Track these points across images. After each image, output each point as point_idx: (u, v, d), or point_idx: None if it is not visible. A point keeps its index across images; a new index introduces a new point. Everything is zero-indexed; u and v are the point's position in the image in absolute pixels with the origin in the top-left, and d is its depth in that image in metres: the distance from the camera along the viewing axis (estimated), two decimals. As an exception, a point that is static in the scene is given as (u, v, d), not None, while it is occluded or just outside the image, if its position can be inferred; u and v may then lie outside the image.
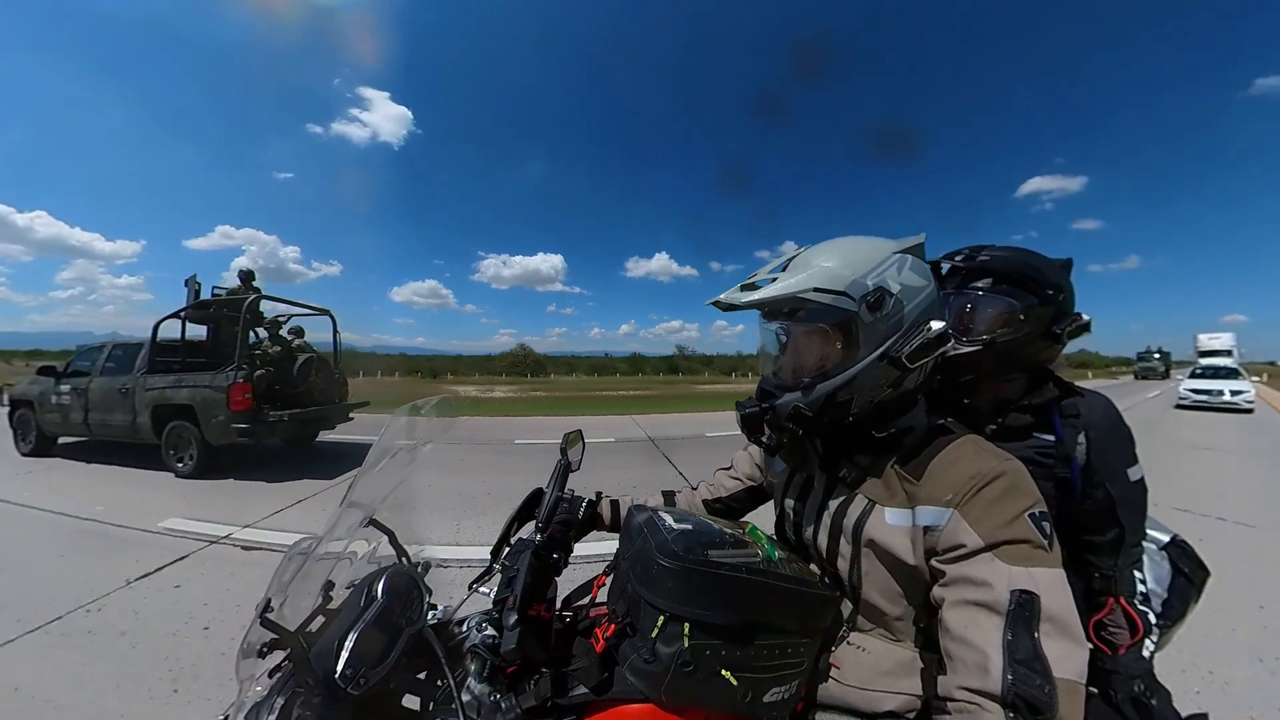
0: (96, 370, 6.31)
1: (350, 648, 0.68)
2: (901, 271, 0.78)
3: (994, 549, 0.65)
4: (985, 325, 1.05)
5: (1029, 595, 0.61)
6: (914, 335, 0.75)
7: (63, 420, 6.37)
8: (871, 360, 0.76)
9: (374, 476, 0.98)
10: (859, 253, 0.79)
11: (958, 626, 0.65)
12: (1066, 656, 0.59)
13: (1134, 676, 0.94)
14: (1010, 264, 1.04)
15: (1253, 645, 2.43)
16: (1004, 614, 0.61)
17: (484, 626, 0.80)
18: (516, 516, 1.07)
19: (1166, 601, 1.07)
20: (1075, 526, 1.01)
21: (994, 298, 1.05)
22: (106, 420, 6.07)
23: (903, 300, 0.76)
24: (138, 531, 3.82)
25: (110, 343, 6.57)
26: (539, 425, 10.60)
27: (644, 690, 0.72)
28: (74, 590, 2.81)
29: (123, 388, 5.94)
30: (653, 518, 0.82)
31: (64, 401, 6.33)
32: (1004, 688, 0.58)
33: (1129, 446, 1.03)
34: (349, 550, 0.90)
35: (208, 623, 2.52)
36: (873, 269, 0.76)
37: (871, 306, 0.75)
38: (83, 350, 6.73)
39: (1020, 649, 0.59)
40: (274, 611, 0.73)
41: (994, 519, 0.66)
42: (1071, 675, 0.58)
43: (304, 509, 4.49)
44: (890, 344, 0.76)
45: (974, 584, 0.65)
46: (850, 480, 0.84)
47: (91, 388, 6.19)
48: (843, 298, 0.74)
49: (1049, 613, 0.60)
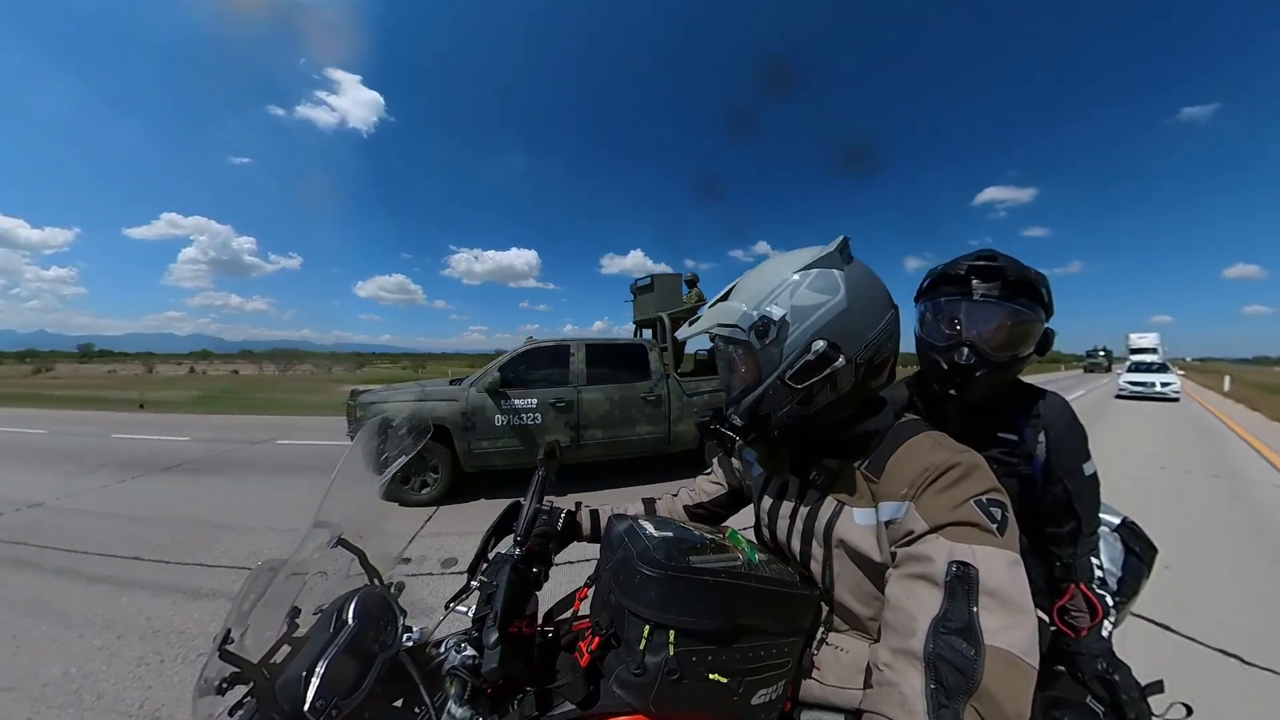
0: (582, 376, 5.21)
1: (320, 677, 0.65)
2: (795, 293, 0.80)
3: (939, 530, 0.66)
4: (1005, 340, 1.04)
5: (965, 566, 0.62)
6: (798, 358, 0.78)
7: (504, 447, 4.91)
8: (772, 381, 0.81)
9: (342, 494, 0.94)
10: (762, 280, 0.84)
11: (898, 596, 0.67)
12: (1004, 629, 0.59)
13: (1096, 656, 1.00)
14: (1026, 273, 1.04)
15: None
16: (941, 585, 0.62)
17: (463, 647, 0.77)
18: (493, 531, 1.04)
19: (1121, 580, 1.15)
20: (1037, 520, 1.08)
21: (1022, 311, 1.04)
22: (618, 436, 5.23)
23: (790, 323, 0.79)
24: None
25: (578, 341, 5.40)
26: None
27: (631, 702, 0.71)
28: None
29: (648, 393, 5.28)
30: (633, 526, 0.82)
31: (525, 420, 4.96)
32: (926, 649, 0.59)
33: (1083, 444, 1.10)
34: (316, 573, 0.85)
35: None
36: (764, 298, 0.82)
37: (759, 334, 0.81)
38: (520, 353, 5.22)
39: (955, 618, 0.60)
40: (234, 643, 0.68)
41: (942, 504, 0.68)
42: (1006, 646, 0.58)
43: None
44: (783, 366, 0.79)
45: (917, 560, 0.66)
46: (820, 484, 0.87)
47: (584, 399, 5.13)
48: (735, 329, 0.83)
49: (988, 587, 0.61)
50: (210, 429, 9.40)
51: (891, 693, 0.60)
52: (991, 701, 0.55)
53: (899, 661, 0.61)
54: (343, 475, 0.95)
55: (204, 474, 5.98)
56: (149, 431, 8.97)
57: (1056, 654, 1.05)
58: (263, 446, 7.68)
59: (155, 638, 2.52)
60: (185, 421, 10.54)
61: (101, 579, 3.15)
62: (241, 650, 0.67)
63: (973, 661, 0.57)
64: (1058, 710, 0.95)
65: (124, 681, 2.18)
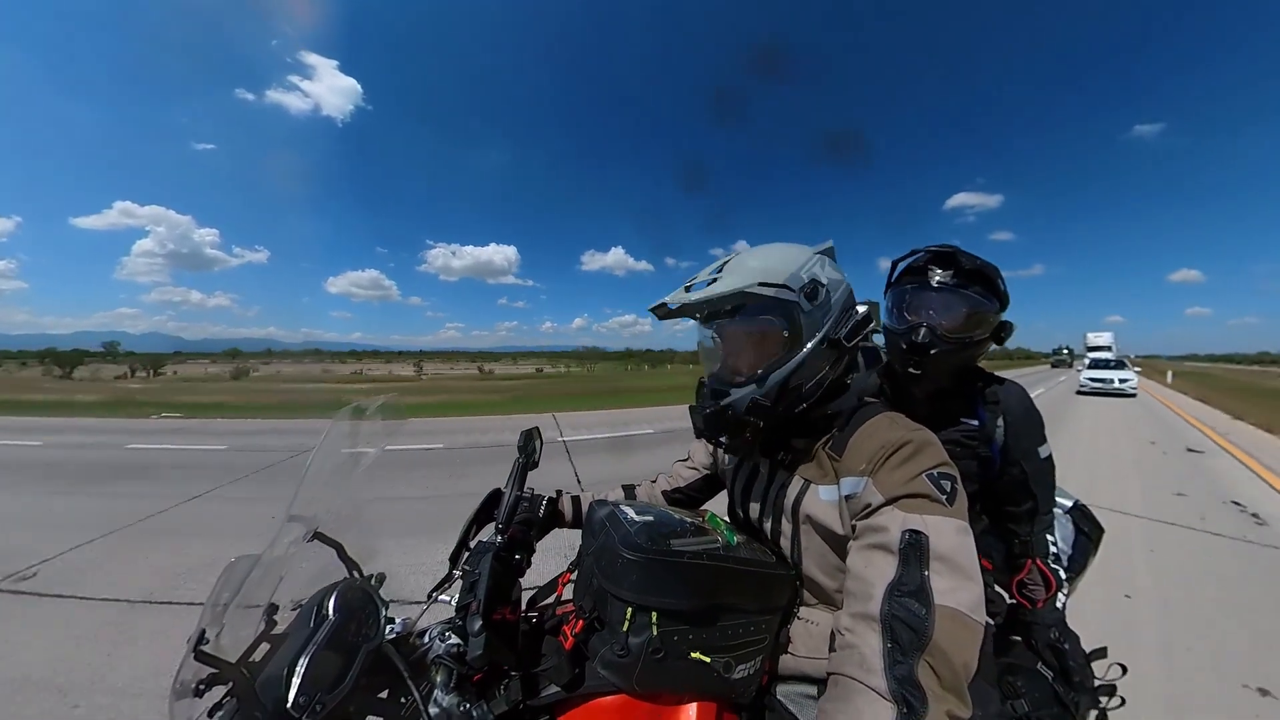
0: None
1: (302, 673, 0.64)
2: (824, 267, 0.87)
3: (894, 502, 0.71)
4: (961, 323, 1.12)
5: (918, 534, 0.66)
6: (845, 318, 0.85)
7: None
8: (815, 345, 0.83)
9: (316, 486, 0.92)
10: (788, 254, 0.86)
11: (858, 566, 0.71)
12: (954, 590, 0.63)
13: (1049, 625, 1.09)
14: (985, 265, 1.12)
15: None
16: (896, 552, 0.66)
17: (447, 635, 0.77)
18: (475, 519, 1.04)
19: (1071, 557, 1.25)
20: (996, 499, 1.15)
21: (974, 298, 1.12)
22: None
23: (831, 290, 0.85)
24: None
25: None
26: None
27: (616, 682, 0.73)
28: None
29: None
30: (614, 512, 0.83)
31: None
32: (882, 611, 0.63)
33: (1039, 428, 1.17)
34: (293, 568, 0.83)
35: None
36: (804, 265, 0.85)
37: (809, 296, 0.83)
38: None
39: (909, 581, 0.64)
40: (209, 642, 0.66)
41: (896, 478, 0.73)
42: (954, 605, 0.62)
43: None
44: (828, 328, 0.84)
45: (874, 530, 0.71)
46: (788, 463, 0.90)
47: None
48: (784, 290, 0.82)
49: (939, 552, 0.65)
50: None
51: (852, 654, 0.64)
52: (941, 655, 0.60)
53: (859, 625, 0.65)
54: (316, 467, 0.93)
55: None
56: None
57: (1014, 624, 1.13)
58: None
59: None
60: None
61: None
62: (218, 650, 0.66)
63: (924, 620, 0.61)
64: (1011, 675, 1.03)
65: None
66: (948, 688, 0.59)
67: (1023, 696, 1.00)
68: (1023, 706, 0.99)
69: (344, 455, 1.03)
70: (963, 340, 1.11)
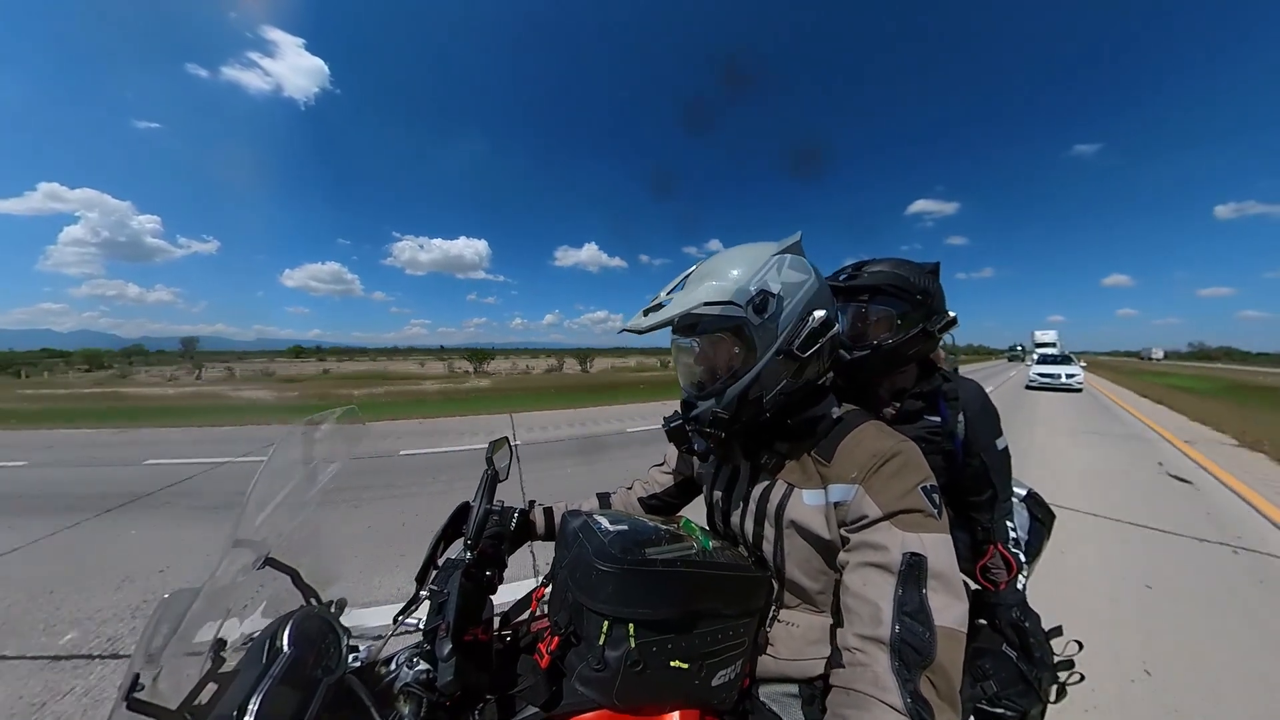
0: None
1: (255, 711, 0.58)
2: (781, 271, 0.85)
3: (891, 518, 0.73)
4: (871, 332, 1.20)
5: (918, 557, 0.69)
6: (801, 327, 0.83)
7: None
8: (770, 357, 0.83)
9: (265, 507, 0.85)
10: (741, 261, 0.85)
11: (856, 584, 0.72)
12: (948, 608, 0.67)
13: (1012, 606, 1.15)
14: (884, 278, 1.19)
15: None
16: (896, 573, 0.69)
17: (415, 661, 0.72)
18: (442, 535, 0.99)
19: (1028, 543, 1.32)
20: (960, 490, 1.20)
21: (875, 307, 1.20)
22: None
23: (784, 297, 0.84)
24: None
25: None
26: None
27: (595, 698, 0.71)
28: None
29: None
30: (587, 522, 0.81)
31: None
32: (892, 635, 0.66)
33: (996, 422, 1.24)
34: (241, 599, 0.77)
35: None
36: (754, 274, 0.83)
37: (757, 309, 0.81)
38: None
39: (909, 602, 0.67)
40: (144, 689, 0.60)
41: (892, 491, 0.75)
42: (951, 624, 0.66)
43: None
44: (782, 339, 0.83)
45: (873, 548, 0.72)
46: (771, 468, 0.91)
47: None
48: (730, 306, 0.81)
49: (935, 571, 0.69)
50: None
51: (865, 672, 0.66)
52: (941, 671, 0.64)
53: (869, 646, 0.67)
54: (265, 485, 0.86)
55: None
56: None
57: (978, 607, 1.17)
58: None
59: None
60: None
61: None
62: (154, 696, 0.60)
63: (928, 642, 0.65)
64: (979, 659, 1.08)
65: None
66: (945, 699, 0.63)
67: (991, 678, 1.04)
68: (991, 688, 1.03)
69: (299, 471, 0.96)
70: (873, 347, 1.17)
